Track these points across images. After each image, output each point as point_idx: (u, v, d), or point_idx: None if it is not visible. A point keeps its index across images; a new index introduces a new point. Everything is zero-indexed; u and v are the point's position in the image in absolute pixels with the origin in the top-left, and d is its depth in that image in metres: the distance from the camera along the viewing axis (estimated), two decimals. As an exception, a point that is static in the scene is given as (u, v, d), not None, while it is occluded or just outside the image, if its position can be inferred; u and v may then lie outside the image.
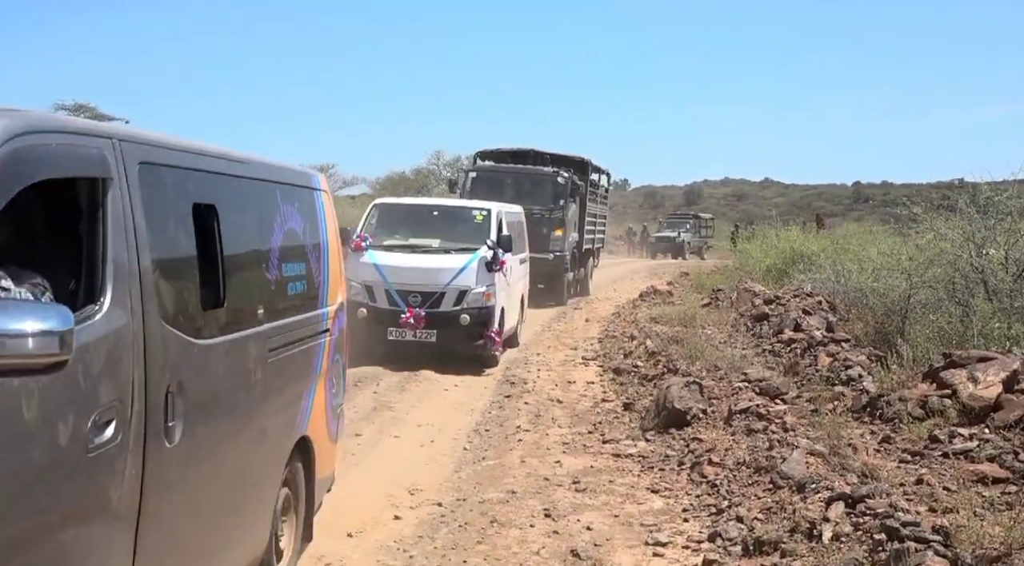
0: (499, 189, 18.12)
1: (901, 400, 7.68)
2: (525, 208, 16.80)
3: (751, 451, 6.94)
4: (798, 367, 9.84)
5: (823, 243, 19.56)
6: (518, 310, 13.75)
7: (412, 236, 12.15)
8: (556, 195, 19.09)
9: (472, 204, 13.38)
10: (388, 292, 11.34)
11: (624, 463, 7.48)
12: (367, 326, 11.10)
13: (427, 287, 11.33)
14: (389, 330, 11.26)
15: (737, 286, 16.77)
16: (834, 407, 8.18)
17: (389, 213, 12.64)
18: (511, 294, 12.84)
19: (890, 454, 6.87)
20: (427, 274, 11.40)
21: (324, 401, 5.14)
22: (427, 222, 12.49)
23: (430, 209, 13.14)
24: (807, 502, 5.72)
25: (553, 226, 18.87)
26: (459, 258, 11.59)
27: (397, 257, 11.62)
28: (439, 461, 7.48)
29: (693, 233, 47.58)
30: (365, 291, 11.36)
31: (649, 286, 20.82)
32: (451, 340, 11.30)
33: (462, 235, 12.05)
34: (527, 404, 9.71)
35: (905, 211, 13.26)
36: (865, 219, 40.12)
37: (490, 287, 11.56)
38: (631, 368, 11.14)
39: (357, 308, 10.89)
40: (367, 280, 11.41)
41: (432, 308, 11.29)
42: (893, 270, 11.73)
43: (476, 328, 11.41)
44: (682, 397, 8.29)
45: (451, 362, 11.24)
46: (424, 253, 11.80)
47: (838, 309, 12.96)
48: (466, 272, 11.44)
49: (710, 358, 10.35)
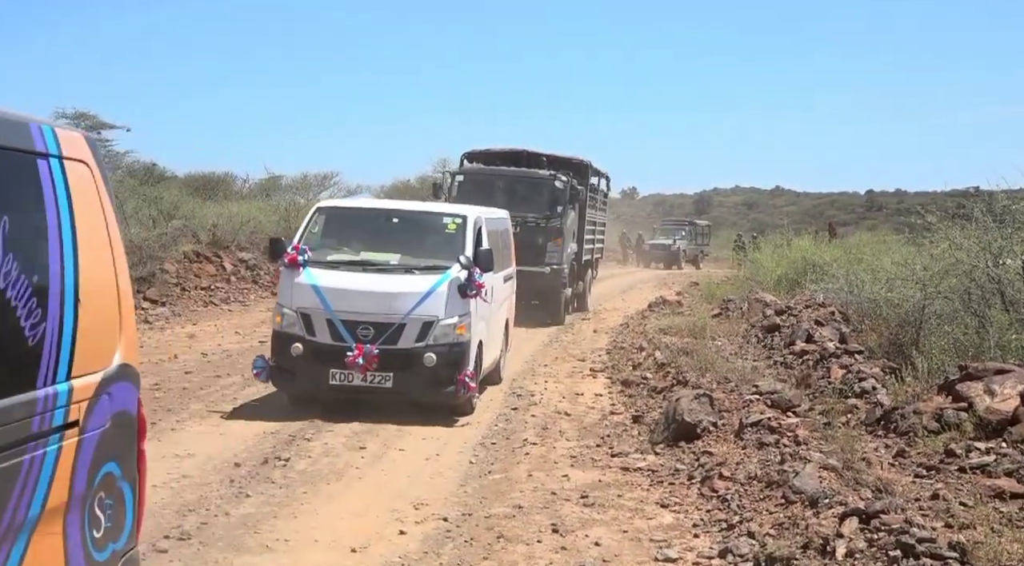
0: (489, 194, 16.31)
1: (916, 413, 7.65)
2: (518, 215, 15.81)
3: (763, 465, 6.92)
4: (810, 379, 9.82)
5: (835, 252, 19.53)
6: (501, 340, 11.64)
7: (365, 250, 9.85)
8: (553, 201, 17.49)
9: (443, 209, 10.85)
10: (331, 323, 9.08)
11: (633, 477, 7.46)
12: (303, 366, 9.11)
13: (382, 317, 9.06)
14: (331, 372, 9.03)
15: (748, 296, 16.74)
16: (847, 420, 8.16)
17: (336, 220, 10.28)
18: (492, 323, 10.70)
19: (905, 468, 6.85)
20: (382, 300, 9.11)
21: None
22: (384, 232, 10.06)
23: (388, 215, 10.43)
24: (820, 517, 5.69)
25: (550, 236, 17.34)
26: (424, 279, 9.27)
27: (344, 277, 9.30)
28: (445, 475, 7.47)
29: (689, 240, 46.23)
30: (301, 321, 9.15)
31: (658, 296, 20.80)
32: (412, 385, 9.10)
33: (429, 249, 9.80)
34: (534, 416, 9.70)
35: (919, 220, 13.23)
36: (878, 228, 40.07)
37: (464, 318, 9.33)
38: (640, 380, 11.12)
39: (291, 343, 9.12)
40: (304, 306, 9.16)
41: (388, 344, 9.01)
42: (907, 280, 11.70)
43: (445, 370, 9.12)
44: (692, 410, 8.27)
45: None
46: (379, 272, 9.42)
47: (851, 320, 12.93)
48: (433, 298, 9.15)
49: (720, 370, 10.33)
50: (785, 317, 13.31)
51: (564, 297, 18.10)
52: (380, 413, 9.17)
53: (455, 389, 9.21)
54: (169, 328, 14.93)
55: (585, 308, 20.44)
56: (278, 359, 9.27)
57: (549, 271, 17.18)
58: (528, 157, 18.92)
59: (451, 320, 9.20)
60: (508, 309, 12.32)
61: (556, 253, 17.39)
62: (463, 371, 9.24)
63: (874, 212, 69.20)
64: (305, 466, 7.47)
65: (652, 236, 46.93)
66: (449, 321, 9.19)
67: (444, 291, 9.22)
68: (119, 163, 31.18)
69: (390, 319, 9.08)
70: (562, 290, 17.83)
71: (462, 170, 18.65)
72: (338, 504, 6.60)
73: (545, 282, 17.06)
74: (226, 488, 6.80)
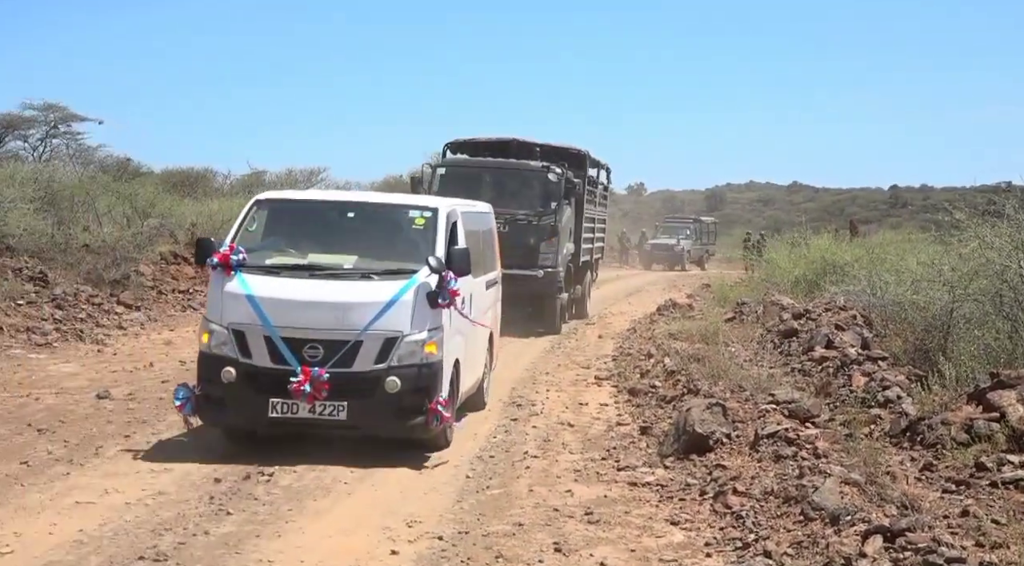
0: (475, 189, 15.31)
1: (944, 424, 7.65)
2: (508, 212, 15.52)
3: (780, 479, 6.92)
4: (830, 387, 9.82)
5: (857, 252, 19.53)
6: (484, 357, 10.51)
7: (314, 251, 8.78)
8: (547, 196, 16.75)
9: (409, 201, 9.72)
10: (271, 341, 7.97)
11: (641, 492, 7.46)
12: (236, 396, 8.00)
13: (334, 333, 7.96)
14: (271, 402, 7.91)
15: (763, 299, 16.75)
16: (870, 431, 8.16)
17: (279, 215, 9.18)
18: (472, 337, 9.62)
19: (932, 483, 6.85)
20: (334, 312, 8.02)
21: None
22: (338, 229, 9.12)
23: (343, 208, 9.46)
24: (842, 535, 5.69)
25: (543, 235, 16.62)
26: (386, 286, 8.19)
27: (286, 285, 8.22)
28: (439, 490, 7.47)
29: (694, 240, 45.59)
30: (233, 339, 8.05)
31: (667, 299, 20.81)
32: (371, 417, 8.02)
33: (393, 250, 8.82)
34: (535, 428, 9.70)
35: (947, 217, 13.23)
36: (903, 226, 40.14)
37: (435, 333, 8.23)
38: (648, 388, 11.13)
39: (221, 367, 8.02)
40: (237, 321, 8.05)
41: (341, 366, 7.92)
42: (934, 282, 11.70)
43: (412, 397, 8.03)
44: (704, 420, 8.27)
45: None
46: (330, 278, 8.33)
47: (874, 324, 12.92)
48: (396, 309, 8.06)
49: (734, 377, 10.33)
50: (803, 321, 13.31)
51: (560, 303, 17.51)
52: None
53: (425, 420, 8.09)
54: (144, 334, 14.93)
55: (584, 315, 20.03)
56: (205, 387, 8.15)
57: (543, 274, 16.51)
58: (518, 147, 18.31)
59: (419, 335, 8.12)
60: (492, 320, 11.25)
61: (550, 254, 16.71)
62: (435, 397, 8.13)
63: (898, 209, 69.29)
64: (290, 481, 7.47)
65: (654, 235, 46.31)
66: (417, 336, 8.11)
67: (409, 300, 8.13)
68: (91, 157, 31.20)
69: (344, 335, 7.98)
70: (557, 295, 17.23)
71: (444, 162, 17.95)
72: (325, 522, 6.60)
73: (538, 287, 16.44)
74: (205, 505, 6.80)
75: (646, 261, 43.51)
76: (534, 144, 18.43)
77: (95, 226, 19.27)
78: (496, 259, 11.75)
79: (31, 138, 30.85)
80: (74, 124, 31.12)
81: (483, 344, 10.50)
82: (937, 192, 66.63)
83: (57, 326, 13.95)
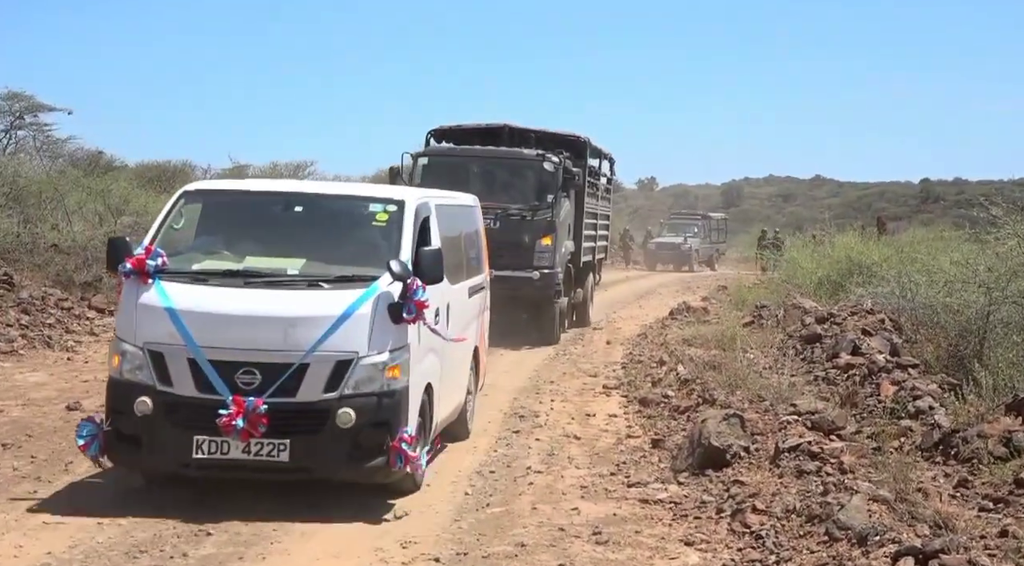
0: (462, 180, 14.55)
1: (980, 436, 7.65)
2: (499, 206, 15.33)
3: (802, 496, 6.92)
4: (857, 397, 9.82)
5: (885, 251, 19.53)
6: (466, 378, 9.70)
7: (253, 253, 7.86)
8: (542, 187, 16.19)
9: (370, 192, 8.75)
10: (196, 365, 7.04)
11: (653, 510, 7.46)
12: (153, 432, 7.06)
13: (273, 355, 7.03)
14: (196, 440, 6.99)
15: (784, 302, 16.75)
16: (900, 444, 8.16)
17: (213, 209, 8.29)
18: (449, 355, 8.70)
19: (968, 500, 6.85)
20: (274, 329, 7.08)
21: None
22: (283, 227, 8.21)
23: (289, 201, 8.41)
24: (870, 557, 5.69)
25: (539, 232, 16.02)
26: (338, 297, 7.26)
27: (216, 296, 7.29)
28: (436, 508, 7.46)
29: (702, 238, 44.91)
30: (150, 362, 7.12)
31: (681, 302, 20.81)
32: (319, 458, 7.07)
33: (348, 251, 7.89)
34: (539, 441, 9.70)
35: (982, 213, 13.24)
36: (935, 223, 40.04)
37: (398, 354, 7.30)
38: (660, 398, 11.13)
39: (135, 397, 7.06)
40: (155, 340, 7.14)
41: (283, 396, 6.97)
42: (969, 283, 11.69)
43: (370, 434, 7.10)
44: (720, 433, 8.26)
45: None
46: (270, 287, 7.41)
47: (904, 329, 12.92)
48: (350, 325, 7.12)
49: (753, 387, 10.33)
50: (827, 326, 13.30)
51: (558, 309, 16.92)
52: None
53: (386, 461, 7.15)
54: (118, 340, 14.92)
55: (586, 322, 19.56)
56: (116, 421, 7.21)
57: (538, 277, 15.89)
58: (511, 134, 17.78)
59: (378, 357, 7.18)
60: (478, 332, 10.35)
61: (547, 254, 16.08)
62: (398, 433, 7.20)
63: (930, 204, 69.24)
64: (276, 496, 7.45)
65: (659, 233, 45.80)
66: (376, 359, 7.17)
67: (366, 315, 7.18)
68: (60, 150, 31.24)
69: (286, 358, 7.04)
70: (555, 300, 16.59)
71: (427, 151, 17.31)
72: (314, 543, 6.59)
73: (534, 291, 15.91)
74: (184, 525, 6.79)
75: (651, 261, 43.06)
76: (528, 131, 17.91)
77: (64, 224, 19.30)
78: (483, 261, 10.86)
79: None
80: (41, 114, 31.17)
81: (464, 363, 9.65)
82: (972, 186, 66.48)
83: (24, 332, 13.94)
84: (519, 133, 17.78)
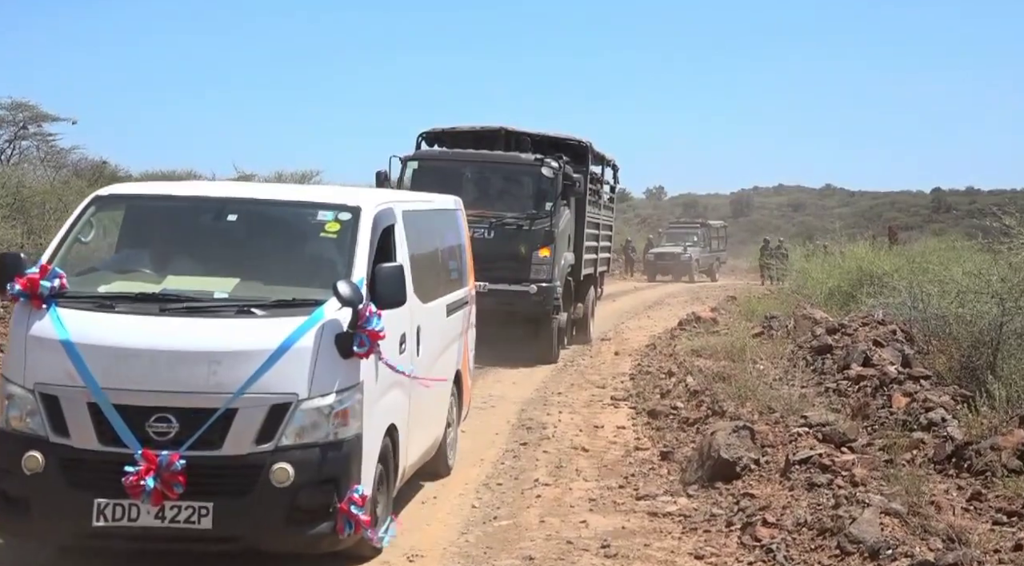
0: (454, 187, 13.25)
1: (993, 449, 7.63)
2: (494, 215, 14.77)
3: (813, 509, 6.91)
4: (868, 409, 9.80)
5: (897, 261, 19.49)
6: (444, 409, 8.59)
7: (177, 271, 6.68)
8: (541, 195, 15.37)
9: (317, 197, 7.29)
10: (98, 411, 5.87)
11: (662, 523, 7.45)
12: (45, 494, 5.88)
13: (193, 398, 5.90)
14: (98, 504, 5.81)
15: (794, 312, 16.73)
16: (912, 457, 8.13)
17: (134, 219, 7.23)
18: (418, 389, 7.44)
19: (981, 514, 6.82)
20: (194, 366, 5.92)
21: None
22: (214, 239, 7.00)
23: (221, 208, 7.04)
24: (882, 571, 5.67)
25: (536, 243, 15.13)
26: (274, 326, 6.08)
27: (124, 326, 6.09)
28: (443, 521, 7.47)
29: (703, 246, 43.59)
30: (43, 408, 5.96)
31: (690, 313, 20.81)
32: (249, 525, 5.90)
33: (290, 270, 6.72)
34: (546, 453, 9.70)
35: (995, 223, 13.21)
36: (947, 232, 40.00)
37: (347, 395, 6.12)
38: (669, 410, 11.13)
39: (23, 451, 5.88)
40: (48, 381, 5.97)
41: (205, 449, 5.85)
42: (982, 293, 11.66)
43: (313, 494, 5.97)
44: (730, 445, 8.26)
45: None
46: (190, 314, 6.19)
47: (916, 340, 12.90)
48: (287, 360, 5.97)
49: (763, 398, 10.32)
50: (838, 337, 13.29)
51: (557, 325, 15.83)
52: None
53: (333, 526, 6.00)
54: (122, 351, 14.93)
55: (587, 339, 18.50)
56: (1, 481, 6.01)
57: (535, 291, 14.96)
58: (507, 137, 16.84)
59: (323, 400, 6.00)
60: (460, 354, 9.19)
61: (545, 266, 15.15)
62: (347, 493, 6.02)
63: (942, 214, 69.17)
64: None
65: (657, 242, 44.67)
66: (319, 402, 6.00)
67: (309, 347, 6.01)
68: (63, 160, 31.31)
69: (208, 402, 5.87)
70: (554, 317, 15.59)
71: (416, 155, 16.45)
72: (320, 558, 6.57)
73: (530, 306, 15.01)
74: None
75: (650, 271, 41.97)
76: (526, 134, 17.01)
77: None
78: (466, 273, 9.65)
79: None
80: (45, 124, 31.23)
81: (442, 392, 8.44)
82: (984, 195, 66.49)
83: (27, 343, 13.94)
84: (516, 136, 16.96)
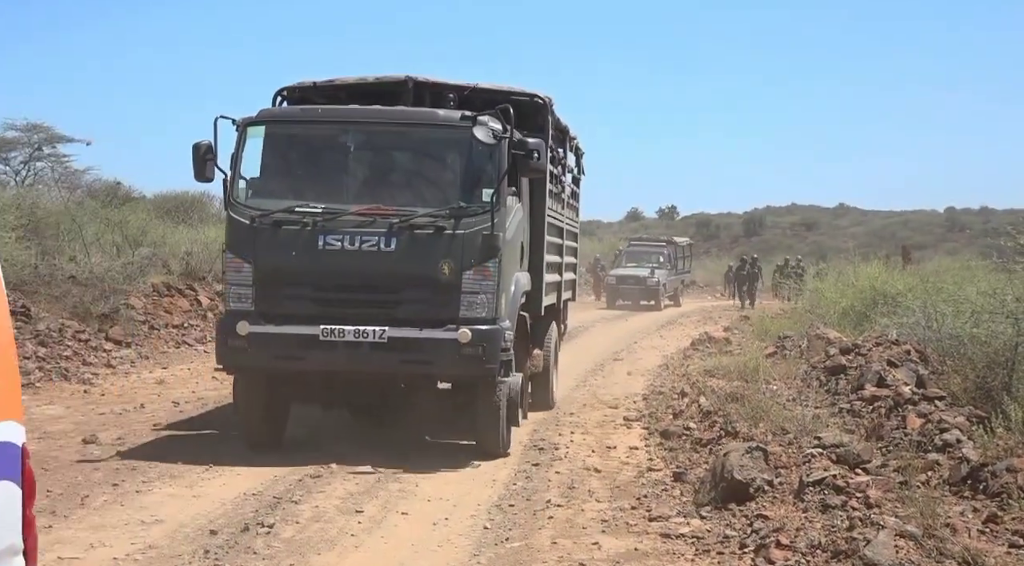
0: (328, 166, 9.94)
1: (1010, 471, 7.59)
2: (395, 211, 9.43)
3: (827, 531, 6.88)
4: (883, 430, 9.76)
5: (910, 281, 19.47)
6: None
7: None
8: (473, 176, 9.76)
9: None
10: None
11: (675, 545, 7.42)
12: None
13: None
14: None
15: (808, 332, 16.70)
16: (927, 478, 8.10)
17: None
18: None
19: (998, 537, 6.79)
20: None
21: None
22: None
23: None
24: (897, 594, 5.64)
25: (469, 256, 9.39)
26: None
27: None
28: (455, 542, 7.45)
29: (669, 268, 37.70)
30: None
31: (702, 332, 20.79)
32: None
33: None
34: (558, 474, 9.68)
35: (1010, 242, 13.19)
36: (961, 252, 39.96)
37: None
38: (682, 431, 11.09)
39: None
40: None
41: None
42: (997, 313, 11.64)
43: None
44: (743, 466, 8.23)
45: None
46: None
47: (930, 360, 12.85)
48: None
49: (776, 419, 10.29)
50: (852, 357, 13.25)
51: (507, 394, 9.87)
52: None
53: None
54: (135, 373, 15.02)
55: (548, 401, 12.88)
56: None
57: (469, 338, 9.22)
58: (417, 91, 10.66)
59: None
60: None
61: (484, 295, 9.44)
62: None
63: (956, 233, 69.09)
64: (292, 533, 7.47)
65: (616, 263, 38.59)
66: None
67: None
68: (78, 182, 31.55)
69: None
70: (501, 380, 9.73)
71: (264, 114, 10.11)
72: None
73: (459, 365, 9.40)
74: (200, 560, 6.80)
75: (611, 297, 35.76)
76: (446, 85, 10.82)
77: (82, 256, 19.46)
78: None
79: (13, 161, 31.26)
80: (60, 145, 31.51)
81: None
82: (999, 214, 66.28)
83: (40, 365, 14.04)
84: (432, 90, 10.76)
